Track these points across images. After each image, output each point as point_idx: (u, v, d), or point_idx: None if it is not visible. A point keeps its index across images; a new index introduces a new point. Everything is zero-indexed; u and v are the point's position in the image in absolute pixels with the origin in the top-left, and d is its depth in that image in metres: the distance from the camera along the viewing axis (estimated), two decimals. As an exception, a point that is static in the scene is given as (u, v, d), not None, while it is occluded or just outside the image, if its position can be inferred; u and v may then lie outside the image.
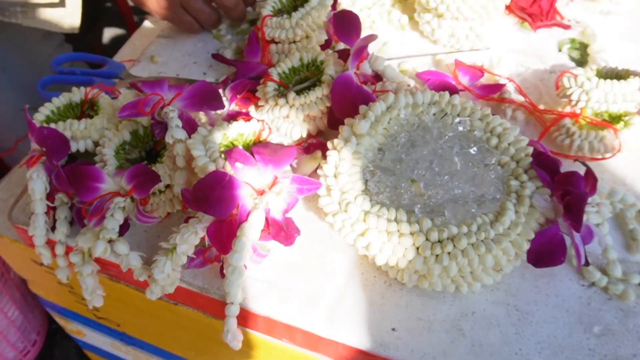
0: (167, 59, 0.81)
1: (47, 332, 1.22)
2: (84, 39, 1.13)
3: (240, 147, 0.60)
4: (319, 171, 0.58)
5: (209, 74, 0.79)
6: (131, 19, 1.67)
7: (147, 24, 0.91)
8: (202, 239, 0.56)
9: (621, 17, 0.80)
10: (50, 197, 0.61)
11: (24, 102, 0.94)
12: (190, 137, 0.58)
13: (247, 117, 0.63)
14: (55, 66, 0.79)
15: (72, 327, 0.90)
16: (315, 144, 0.65)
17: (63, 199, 0.62)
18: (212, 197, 0.51)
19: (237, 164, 0.53)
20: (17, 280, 1.07)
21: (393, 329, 0.54)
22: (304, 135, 0.68)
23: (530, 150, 0.56)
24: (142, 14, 0.96)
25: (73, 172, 0.58)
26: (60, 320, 0.90)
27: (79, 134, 0.63)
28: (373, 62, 0.68)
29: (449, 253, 0.52)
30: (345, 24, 0.65)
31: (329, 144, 0.59)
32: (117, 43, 1.92)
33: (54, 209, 0.62)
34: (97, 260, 0.61)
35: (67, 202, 0.62)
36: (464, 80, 0.71)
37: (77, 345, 0.97)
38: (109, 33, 1.96)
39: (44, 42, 1.04)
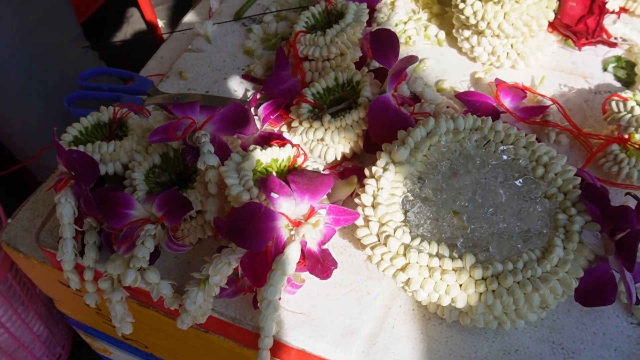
0: (196, 74, 0.80)
1: (72, 346, 1.21)
2: (109, 46, 1.12)
3: (274, 172, 0.58)
4: (356, 200, 0.56)
5: (239, 91, 0.77)
6: (156, 27, 1.66)
7: (175, 36, 0.90)
8: (235, 269, 0.54)
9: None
10: (78, 221, 0.60)
11: (50, 110, 0.94)
12: (222, 163, 0.57)
13: (281, 140, 0.60)
14: (82, 81, 0.77)
15: (98, 345, 0.89)
16: (350, 169, 0.63)
17: (92, 224, 0.60)
18: (247, 230, 0.49)
19: (273, 194, 0.51)
20: (42, 295, 1.06)
21: (433, 369, 0.52)
22: (339, 158, 0.66)
23: (579, 181, 0.54)
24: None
25: (102, 198, 0.57)
26: (87, 338, 0.89)
27: (108, 156, 0.61)
28: (411, 83, 0.65)
29: (493, 291, 0.49)
30: (382, 44, 0.63)
31: (366, 172, 0.57)
32: (142, 50, 1.92)
33: (83, 232, 0.61)
34: (127, 287, 0.59)
35: (96, 226, 0.61)
36: (506, 101, 0.68)
37: (103, 360, 0.96)
38: (134, 40, 1.95)
39: (70, 49, 1.03)
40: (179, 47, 0.88)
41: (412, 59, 0.61)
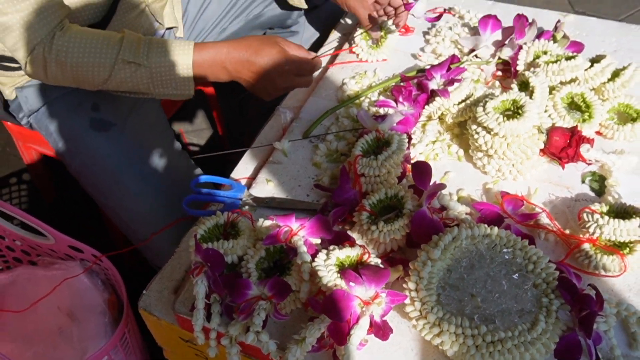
0: (278, 182, 1.07)
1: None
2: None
3: (347, 265, 0.84)
4: (404, 285, 0.82)
5: (312, 196, 1.04)
6: (216, 103, 1.94)
7: (254, 152, 1.16)
8: (322, 333, 0.80)
9: (633, 155, 1.03)
10: (207, 296, 0.86)
11: (158, 202, 1.21)
12: (313, 259, 0.83)
13: (350, 242, 0.87)
14: (193, 187, 1.04)
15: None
16: (397, 259, 0.89)
17: (216, 298, 0.87)
18: (335, 308, 0.75)
19: (351, 283, 0.77)
20: (142, 346, 1.32)
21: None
22: (388, 250, 0.92)
23: (557, 274, 0.79)
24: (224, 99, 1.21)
25: (230, 281, 0.83)
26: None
27: (229, 251, 0.88)
28: (441, 199, 0.92)
29: (498, 351, 0.74)
30: (420, 172, 0.90)
31: (410, 265, 0.83)
32: (203, 126, 2.21)
33: (209, 304, 0.87)
34: (240, 343, 0.84)
35: (219, 300, 0.87)
36: (509, 209, 0.94)
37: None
38: (197, 118, 2.25)
39: (169, 153, 1.30)
40: (259, 156, 1.15)
41: (441, 186, 0.88)
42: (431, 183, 0.91)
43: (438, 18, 1.36)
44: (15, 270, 1.39)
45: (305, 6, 1.47)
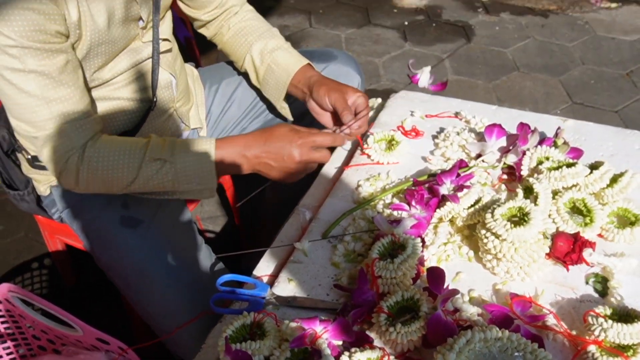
0: (299, 281, 1.13)
1: None
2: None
3: (368, 367, 0.90)
4: (422, 386, 0.87)
5: (331, 295, 1.10)
6: (232, 191, 2.03)
7: (275, 249, 1.23)
8: None
9: (633, 258, 1.09)
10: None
11: (183, 297, 1.28)
12: (336, 361, 0.89)
13: (371, 345, 0.93)
14: (219, 285, 1.11)
15: None
16: (414, 359, 0.95)
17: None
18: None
19: (373, 386, 0.83)
20: None
21: None
22: (405, 350, 0.97)
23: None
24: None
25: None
26: None
27: (256, 351, 0.94)
28: (454, 301, 0.99)
29: None
30: (435, 277, 0.97)
31: (427, 367, 0.89)
32: (219, 214, 2.30)
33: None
34: None
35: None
36: (518, 310, 1.01)
37: None
38: (213, 205, 2.33)
39: (193, 248, 1.38)
40: (280, 254, 1.22)
41: (454, 292, 0.94)
42: (445, 286, 0.98)
43: (444, 86, 1.45)
44: (40, 358, 1.43)
45: (291, 118, 1.57)
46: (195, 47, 2.64)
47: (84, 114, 1.18)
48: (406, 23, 3.42)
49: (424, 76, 1.42)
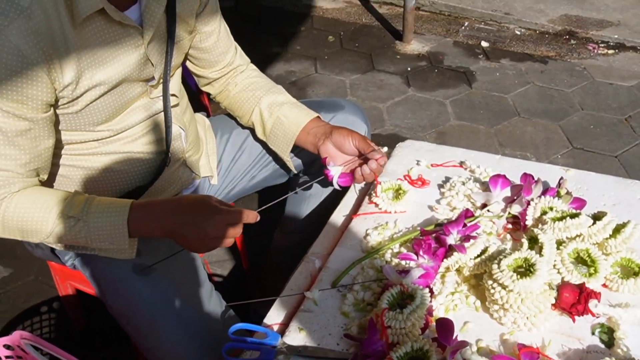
0: (310, 330, 1.16)
1: None
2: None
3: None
4: None
5: (342, 345, 1.12)
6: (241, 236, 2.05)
7: (285, 298, 1.26)
8: None
9: (637, 308, 1.12)
10: None
11: (192, 344, 1.29)
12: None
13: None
14: (231, 335, 1.13)
15: None
16: (424, 410, 0.96)
17: None
18: None
19: None
20: None
21: None
22: (415, 400, 0.99)
23: None
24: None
25: None
26: None
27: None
28: (463, 353, 1.01)
29: None
30: (444, 329, 0.99)
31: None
32: (226, 257, 2.32)
33: None
34: None
35: None
36: (525, 362, 1.02)
37: None
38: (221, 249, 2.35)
39: (201, 293, 1.40)
40: (290, 303, 1.24)
41: (463, 344, 0.97)
42: (453, 336, 1.00)
43: (350, 182, 1.45)
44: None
45: (295, 171, 1.62)
46: (205, 93, 2.69)
47: (21, 174, 1.20)
48: (409, 69, 3.49)
49: (336, 174, 1.43)
